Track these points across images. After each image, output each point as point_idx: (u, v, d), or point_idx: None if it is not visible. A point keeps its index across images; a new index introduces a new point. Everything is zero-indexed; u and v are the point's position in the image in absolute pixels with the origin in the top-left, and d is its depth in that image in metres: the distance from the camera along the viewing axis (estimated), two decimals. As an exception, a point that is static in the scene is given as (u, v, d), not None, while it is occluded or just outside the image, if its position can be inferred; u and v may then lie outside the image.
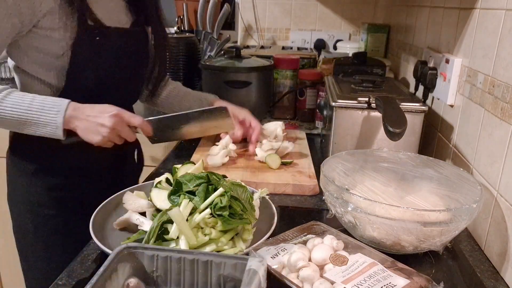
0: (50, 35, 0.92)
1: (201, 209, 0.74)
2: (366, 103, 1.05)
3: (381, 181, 0.87)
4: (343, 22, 2.32)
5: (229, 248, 0.73)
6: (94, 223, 0.78)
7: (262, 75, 1.48)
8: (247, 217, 0.75)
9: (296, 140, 1.35)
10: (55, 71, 0.96)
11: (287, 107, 1.65)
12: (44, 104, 0.91)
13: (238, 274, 0.57)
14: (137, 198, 0.85)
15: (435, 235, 0.72)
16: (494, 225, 0.79)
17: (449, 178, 0.85)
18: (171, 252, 0.59)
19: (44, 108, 0.90)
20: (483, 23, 0.91)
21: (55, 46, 0.93)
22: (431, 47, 1.26)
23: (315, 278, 0.61)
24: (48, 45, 0.93)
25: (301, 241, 0.71)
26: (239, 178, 0.92)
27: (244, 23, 2.36)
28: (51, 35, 0.92)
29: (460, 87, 1.01)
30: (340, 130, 1.08)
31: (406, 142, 1.02)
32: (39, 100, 0.91)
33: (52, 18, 0.90)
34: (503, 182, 0.77)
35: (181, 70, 1.69)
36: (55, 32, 0.92)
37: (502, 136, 0.78)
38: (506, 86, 0.78)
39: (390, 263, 0.65)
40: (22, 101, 0.90)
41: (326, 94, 1.22)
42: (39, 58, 0.94)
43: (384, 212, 0.72)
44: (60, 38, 0.92)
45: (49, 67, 0.95)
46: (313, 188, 1.03)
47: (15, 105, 0.89)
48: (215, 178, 0.80)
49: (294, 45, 2.33)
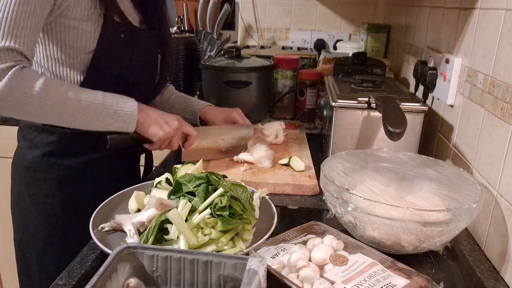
0: (78, 26, 0.90)
1: (201, 209, 0.74)
2: (366, 103, 1.05)
3: (381, 181, 0.87)
4: (343, 22, 2.32)
5: (229, 248, 0.73)
6: (94, 223, 0.78)
7: (262, 75, 1.48)
8: (247, 217, 0.75)
9: (296, 140, 1.35)
10: (78, 67, 0.95)
11: (287, 107, 1.65)
12: (116, 97, 0.92)
13: (238, 274, 0.57)
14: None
15: (435, 235, 0.72)
16: (494, 225, 0.79)
17: (449, 178, 0.85)
18: (171, 252, 0.59)
19: (118, 102, 0.92)
20: (483, 23, 0.91)
21: (83, 38, 0.92)
22: (431, 47, 1.26)
23: (315, 278, 0.61)
24: (75, 38, 0.91)
25: (301, 241, 0.71)
26: (239, 178, 0.92)
27: (244, 23, 2.36)
28: (79, 26, 0.90)
29: (460, 87, 1.01)
30: (340, 130, 1.08)
31: (406, 142, 1.02)
32: (110, 94, 0.92)
33: (80, 7, 0.89)
34: (503, 182, 0.77)
35: (181, 70, 1.69)
36: (84, 23, 0.90)
37: (502, 136, 0.78)
38: (506, 86, 0.78)
39: (390, 263, 0.65)
40: (96, 93, 0.90)
41: (326, 94, 1.22)
42: (65, 53, 0.93)
43: (384, 212, 0.72)
44: (88, 29, 0.91)
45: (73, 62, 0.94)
46: (313, 188, 1.03)
47: (93, 96, 0.89)
48: (215, 178, 0.80)
49: (294, 45, 2.33)
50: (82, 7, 0.90)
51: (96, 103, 0.89)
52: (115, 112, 0.91)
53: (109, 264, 0.55)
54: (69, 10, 0.89)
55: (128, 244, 0.59)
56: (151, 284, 0.59)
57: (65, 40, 0.92)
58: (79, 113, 0.88)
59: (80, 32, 0.91)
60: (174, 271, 0.59)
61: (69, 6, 0.89)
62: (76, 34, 0.91)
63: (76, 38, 0.92)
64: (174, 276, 0.59)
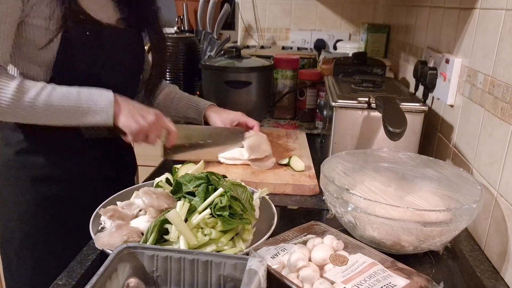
0: (36, 23, 0.90)
1: (200, 210, 0.74)
2: (366, 103, 1.05)
3: (381, 181, 0.87)
4: (343, 22, 2.32)
5: (229, 248, 0.73)
6: (94, 223, 0.78)
7: (262, 75, 1.48)
8: (247, 217, 0.75)
9: (296, 140, 1.35)
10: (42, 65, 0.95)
11: (287, 107, 1.65)
12: (91, 93, 0.92)
13: (238, 274, 0.57)
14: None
15: (435, 235, 0.72)
16: (494, 225, 0.79)
17: (449, 178, 0.85)
18: (171, 252, 0.59)
19: (93, 97, 0.92)
20: (483, 23, 0.91)
21: (40, 35, 0.91)
22: (431, 47, 1.26)
23: (315, 278, 0.61)
24: (34, 35, 0.91)
25: (301, 241, 0.71)
26: (239, 178, 0.92)
27: (244, 23, 2.36)
28: (37, 23, 0.90)
29: (460, 87, 1.01)
30: (340, 130, 1.08)
31: (406, 142, 1.02)
32: (85, 90, 0.92)
33: (41, 5, 0.90)
34: (503, 182, 0.77)
35: (181, 70, 1.69)
36: (42, 20, 0.90)
37: (502, 136, 0.78)
38: (506, 86, 0.78)
39: (390, 263, 0.65)
40: (69, 93, 0.91)
41: (326, 94, 1.22)
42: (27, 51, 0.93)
43: (384, 212, 0.72)
44: (45, 27, 0.91)
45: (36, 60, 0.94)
46: (313, 188, 1.03)
47: (65, 97, 0.90)
48: (215, 178, 0.80)
49: (294, 45, 2.33)
50: (42, 6, 0.90)
51: (69, 104, 0.90)
52: (90, 109, 0.91)
53: (109, 264, 0.55)
54: (32, 10, 0.90)
55: (128, 244, 0.59)
56: (151, 284, 0.59)
57: (29, 38, 0.92)
58: (53, 115, 0.90)
59: (38, 29, 0.91)
60: (174, 271, 0.59)
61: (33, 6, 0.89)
62: (36, 30, 0.91)
63: (34, 34, 0.91)
64: (174, 276, 0.59)
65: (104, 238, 0.71)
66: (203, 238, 0.71)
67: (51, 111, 0.89)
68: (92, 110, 0.91)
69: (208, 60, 1.55)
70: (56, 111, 0.90)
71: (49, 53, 0.93)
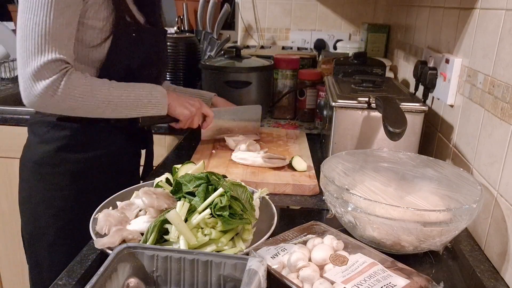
0: (92, 24, 0.98)
1: (200, 210, 0.74)
2: (366, 103, 1.05)
3: (381, 181, 0.87)
4: (343, 22, 2.32)
5: (229, 248, 0.73)
6: (94, 223, 0.78)
7: (262, 75, 1.48)
8: (247, 217, 0.75)
9: (296, 140, 1.35)
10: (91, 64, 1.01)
11: (287, 107, 1.65)
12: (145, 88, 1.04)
13: (238, 274, 0.57)
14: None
15: (435, 235, 0.72)
16: (494, 225, 0.79)
17: (449, 178, 0.85)
18: (171, 252, 0.59)
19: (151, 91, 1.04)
20: (483, 23, 0.91)
21: (94, 36, 0.99)
22: (431, 47, 1.26)
23: (315, 278, 0.61)
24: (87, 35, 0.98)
25: (301, 241, 0.71)
26: (239, 178, 0.92)
27: (244, 23, 2.36)
28: (92, 24, 0.98)
29: (460, 87, 1.01)
30: (340, 130, 1.08)
31: (406, 142, 1.02)
32: (139, 86, 1.03)
33: (97, 8, 0.97)
34: (503, 182, 0.77)
35: (181, 70, 1.69)
36: (97, 21, 0.98)
37: (502, 136, 0.78)
38: (506, 86, 0.78)
39: (390, 263, 0.65)
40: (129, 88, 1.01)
41: (326, 94, 1.22)
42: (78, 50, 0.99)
43: (384, 212, 0.72)
44: (99, 28, 0.98)
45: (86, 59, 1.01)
46: (313, 188, 1.03)
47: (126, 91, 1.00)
48: (215, 178, 0.80)
49: (294, 45, 2.33)
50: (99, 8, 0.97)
51: (132, 97, 1.01)
52: (149, 102, 1.04)
53: (109, 264, 0.55)
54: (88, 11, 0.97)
55: (128, 244, 0.59)
56: (151, 284, 0.59)
57: (83, 38, 0.98)
58: (121, 108, 1.00)
59: (97, 31, 0.99)
60: (174, 271, 0.59)
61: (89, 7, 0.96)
62: (93, 33, 0.99)
63: (92, 36, 0.99)
64: (174, 276, 0.59)
65: (104, 238, 0.71)
66: (203, 238, 0.71)
67: (118, 105, 0.99)
68: (151, 103, 1.04)
69: (208, 60, 1.55)
70: (124, 103, 1.00)
71: (100, 52, 1.01)
